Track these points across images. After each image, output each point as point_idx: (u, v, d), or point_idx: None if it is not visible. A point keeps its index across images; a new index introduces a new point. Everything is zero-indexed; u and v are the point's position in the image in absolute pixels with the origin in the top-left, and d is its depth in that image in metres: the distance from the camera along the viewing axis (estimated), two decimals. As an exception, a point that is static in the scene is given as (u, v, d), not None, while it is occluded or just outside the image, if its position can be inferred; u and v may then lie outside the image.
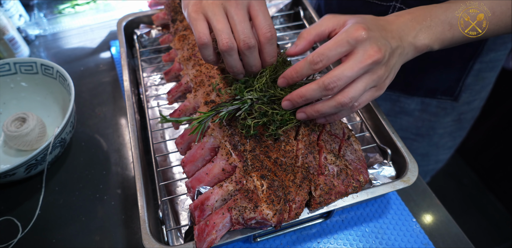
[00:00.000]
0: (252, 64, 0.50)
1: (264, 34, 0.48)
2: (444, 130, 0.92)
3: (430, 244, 0.59)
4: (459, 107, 0.86)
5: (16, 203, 0.66)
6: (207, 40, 0.48)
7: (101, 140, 0.75)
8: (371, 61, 0.44)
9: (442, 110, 0.87)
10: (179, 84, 0.64)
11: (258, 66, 0.51)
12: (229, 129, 0.52)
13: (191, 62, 0.64)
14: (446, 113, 0.87)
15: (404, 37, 0.49)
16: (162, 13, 0.79)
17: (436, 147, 0.97)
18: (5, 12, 0.90)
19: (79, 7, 1.06)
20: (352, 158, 0.56)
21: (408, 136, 0.94)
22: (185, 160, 0.54)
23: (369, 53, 0.44)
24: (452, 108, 0.86)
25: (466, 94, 0.83)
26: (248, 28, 0.47)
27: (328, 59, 0.45)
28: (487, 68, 0.79)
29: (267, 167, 0.50)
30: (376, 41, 0.45)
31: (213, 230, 0.47)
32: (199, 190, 0.51)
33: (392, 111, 0.91)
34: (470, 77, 0.80)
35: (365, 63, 0.44)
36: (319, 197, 0.51)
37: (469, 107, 0.88)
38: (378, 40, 0.45)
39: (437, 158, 1.01)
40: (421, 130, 0.92)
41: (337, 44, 0.44)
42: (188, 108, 0.60)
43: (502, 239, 1.55)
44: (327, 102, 0.47)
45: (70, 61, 0.91)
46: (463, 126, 0.94)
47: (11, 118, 0.70)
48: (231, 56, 0.48)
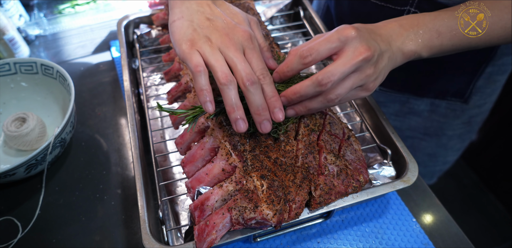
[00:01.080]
0: (259, 103, 0.46)
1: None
2: (453, 132, 0.91)
3: (430, 244, 0.59)
4: (470, 110, 0.86)
5: (16, 203, 0.66)
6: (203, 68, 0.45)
7: (101, 140, 0.75)
8: (361, 57, 0.45)
9: (452, 111, 0.86)
10: (179, 84, 0.64)
11: (265, 107, 0.47)
12: (229, 129, 0.52)
13: None
14: (455, 115, 0.87)
15: (392, 42, 0.50)
16: (162, 13, 0.79)
17: (444, 149, 0.96)
18: (5, 12, 0.90)
19: (79, 7, 1.06)
20: (352, 158, 0.56)
21: (416, 135, 0.94)
22: (185, 161, 0.54)
23: (360, 50, 0.45)
24: (462, 110, 0.85)
25: (476, 97, 0.82)
26: (249, 67, 0.46)
27: (318, 54, 0.45)
28: (499, 71, 0.79)
29: (267, 167, 0.50)
30: (366, 40, 0.46)
31: (213, 230, 0.47)
32: (199, 190, 0.51)
33: (400, 112, 0.91)
34: (481, 79, 0.79)
35: (356, 59, 0.45)
36: (319, 197, 0.51)
37: (480, 110, 0.87)
38: (367, 40, 0.46)
39: (445, 160, 1.01)
40: (430, 130, 0.92)
41: (327, 40, 0.45)
42: (188, 108, 0.60)
43: (502, 239, 1.55)
44: (315, 98, 0.48)
45: (70, 61, 0.91)
46: (473, 129, 0.93)
47: (11, 118, 0.70)
48: (230, 90, 0.44)
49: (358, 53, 0.45)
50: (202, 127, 0.55)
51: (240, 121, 0.46)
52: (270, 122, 0.47)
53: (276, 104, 0.47)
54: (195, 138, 0.56)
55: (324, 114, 0.59)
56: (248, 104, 0.46)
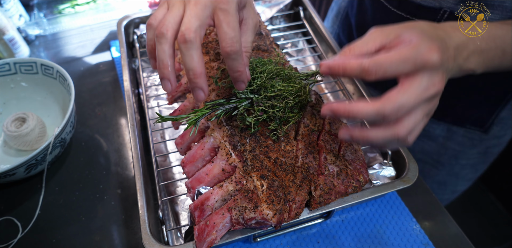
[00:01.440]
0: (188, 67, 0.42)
1: (223, 48, 0.42)
2: (467, 161, 0.85)
3: (430, 244, 0.59)
4: (488, 141, 0.80)
5: (16, 203, 0.66)
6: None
7: (101, 140, 0.75)
8: (434, 92, 0.39)
9: (469, 140, 0.80)
10: (179, 84, 0.64)
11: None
12: (229, 129, 0.52)
13: None
14: (472, 144, 0.81)
15: (457, 57, 0.42)
16: None
17: (455, 178, 0.90)
18: (5, 12, 0.90)
19: (79, 7, 1.06)
20: (352, 158, 0.56)
21: (428, 160, 0.88)
22: (185, 161, 0.54)
23: (434, 82, 0.39)
24: (480, 139, 0.79)
25: (498, 128, 0.77)
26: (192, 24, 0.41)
27: (384, 73, 0.38)
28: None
29: (267, 167, 0.50)
30: (444, 68, 0.39)
31: (213, 230, 0.47)
32: (199, 190, 0.51)
33: None
34: (505, 110, 0.73)
35: (429, 93, 0.39)
36: (319, 197, 0.51)
37: (498, 141, 0.81)
38: (444, 66, 0.39)
39: (454, 189, 0.95)
40: (443, 157, 0.85)
41: (401, 60, 0.38)
42: (188, 108, 0.60)
43: (502, 239, 1.55)
44: (381, 132, 0.40)
45: (70, 61, 0.91)
46: (487, 159, 0.88)
47: (11, 118, 0.70)
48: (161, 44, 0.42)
49: (432, 85, 0.38)
50: (202, 128, 0.55)
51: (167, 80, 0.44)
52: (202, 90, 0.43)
53: (235, 78, 0.45)
54: (195, 138, 0.56)
55: (324, 114, 0.58)
56: None
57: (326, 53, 0.79)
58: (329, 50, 0.79)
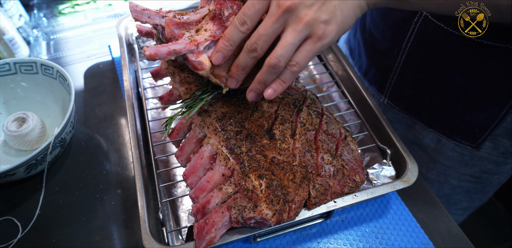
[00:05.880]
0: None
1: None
2: (458, 183, 0.80)
3: (430, 244, 0.59)
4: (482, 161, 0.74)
5: (16, 203, 0.66)
6: None
7: (101, 140, 0.75)
8: (281, 10, 0.40)
9: (459, 155, 0.75)
10: (171, 93, 0.64)
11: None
12: (224, 134, 0.53)
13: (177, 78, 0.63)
14: (462, 160, 0.76)
15: None
16: None
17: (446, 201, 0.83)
18: (5, 12, 0.90)
19: (79, 7, 1.06)
20: (349, 158, 0.56)
21: None
22: (187, 173, 0.54)
23: (280, 2, 0.40)
24: (471, 156, 0.74)
25: (491, 144, 0.71)
26: None
27: (251, 19, 0.42)
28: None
29: (264, 167, 0.50)
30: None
31: (213, 228, 0.47)
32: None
33: (405, 138, 0.81)
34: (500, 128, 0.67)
35: (276, 14, 0.40)
36: (315, 198, 0.51)
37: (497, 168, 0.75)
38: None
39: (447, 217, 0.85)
40: (432, 173, 0.81)
41: (253, 2, 0.42)
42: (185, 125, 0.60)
43: (502, 239, 1.55)
44: (261, 69, 0.44)
45: (70, 61, 0.91)
46: (485, 190, 0.81)
47: (11, 118, 0.70)
48: None
49: (277, 6, 0.40)
50: (200, 137, 0.56)
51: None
52: None
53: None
54: (194, 148, 0.57)
55: (321, 114, 0.59)
56: None
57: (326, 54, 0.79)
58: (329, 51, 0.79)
